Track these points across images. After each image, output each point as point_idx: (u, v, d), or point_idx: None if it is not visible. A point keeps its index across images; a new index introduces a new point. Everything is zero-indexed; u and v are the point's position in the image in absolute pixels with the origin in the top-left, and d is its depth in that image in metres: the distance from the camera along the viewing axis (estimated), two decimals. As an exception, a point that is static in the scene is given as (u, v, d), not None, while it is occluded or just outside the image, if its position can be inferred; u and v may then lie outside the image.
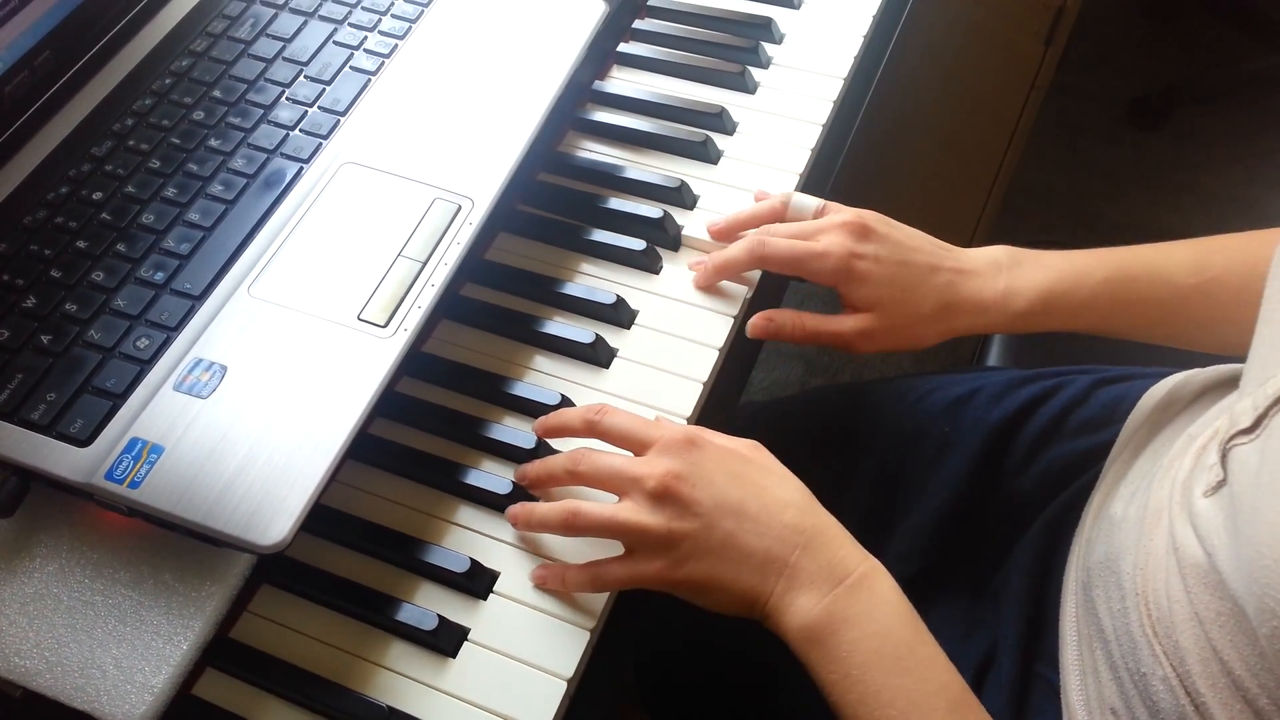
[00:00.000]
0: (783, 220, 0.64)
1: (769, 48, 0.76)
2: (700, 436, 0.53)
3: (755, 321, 0.62)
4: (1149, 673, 0.48)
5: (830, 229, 0.62)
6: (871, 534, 0.69)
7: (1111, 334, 0.62)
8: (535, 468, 0.55)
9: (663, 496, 0.50)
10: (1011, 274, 0.61)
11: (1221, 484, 0.46)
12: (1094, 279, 0.60)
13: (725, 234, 0.65)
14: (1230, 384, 0.59)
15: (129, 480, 0.49)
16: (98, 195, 0.60)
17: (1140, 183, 1.76)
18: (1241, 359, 0.57)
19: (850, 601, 0.49)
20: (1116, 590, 0.52)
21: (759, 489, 0.51)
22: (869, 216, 0.63)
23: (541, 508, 0.53)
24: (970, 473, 0.69)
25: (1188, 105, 1.82)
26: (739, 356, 0.63)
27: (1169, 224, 1.70)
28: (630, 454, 0.53)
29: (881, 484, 0.72)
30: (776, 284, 0.66)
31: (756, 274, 0.64)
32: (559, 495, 0.55)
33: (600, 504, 0.51)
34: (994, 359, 0.89)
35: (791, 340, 0.63)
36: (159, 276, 0.57)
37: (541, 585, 0.52)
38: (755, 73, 0.74)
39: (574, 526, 0.51)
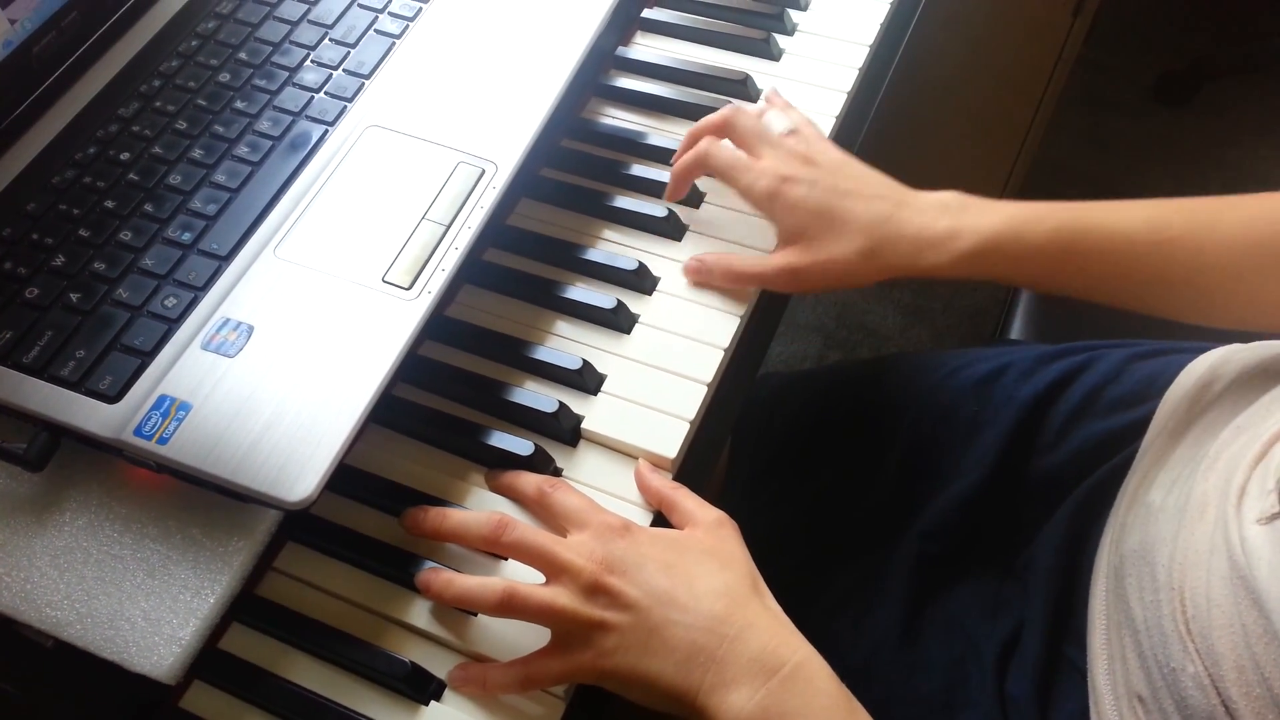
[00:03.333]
0: (728, 132, 0.63)
1: (794, 14, 0.75)
2: (635, 525, 0.51)
3: (687, 264, 0.62)
4: (1179, 668, 0.47)
5: (779, 150, 0.61)
6: (899, 512, 0.70)
7: (1059, 289, 0.60)
8: (451, 521, 0.52)
9: (592, 587, 0.48)
10: (959, 215, 0.59)
11: (1276, 516, 0.45)
12: (1044, 226, 0.58)
13: (695, 135, 0.65)
14: (1278, 365, 0.57)
15: (157, 436, 0.50)
16: (125, 155, 0.60)
17: (1166, 158, 1.74)
18: (1213, 327, 0.56)
19: (786, 695, 0.47)
20: (1150, 581, 0.51)
21: (690, 580, 0.49)
22: (820, 150, 0.62)
23: (467, 581, 0.50)
24: (1001, 451, 0.68)
25: (1215, 80, 1.79)
26: (761, 323, 0.63)
27: (1194, 201, 1.68)
28: (554, 536, 0.51)
29: (909, 462, 0.71)
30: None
31: (773, 240, 0.64)
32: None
33: (537, 587, 0.49)
34: (1016, 332, 0.89)
35: (720, 283, 0.61)
36: (186, 237, 0.57)
37: (458, 689, 0.49)
38: (780, 39, 0.74)
39: (509, 608, 0.48)
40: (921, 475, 0.70)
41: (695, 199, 0.66)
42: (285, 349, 0.53)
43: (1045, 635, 0.59)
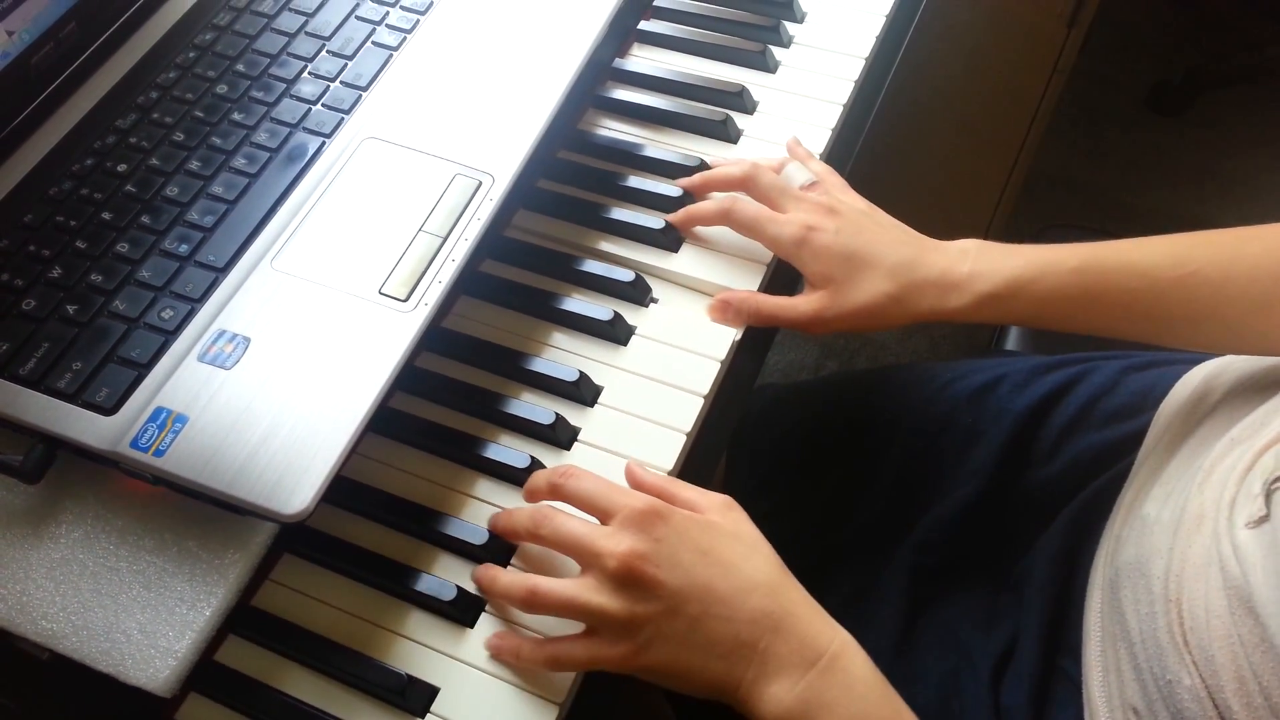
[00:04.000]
0: (748, 187, 0.64)
1: (790, 26, 0.76)
2: (666, 507, 0.50)
3: (712, 304, 0.62)
4: (1174, 680, 0.47)
5: (802, 202, 0.62)
6: (894, 523, 0.70)
7: (1083, 328, 0.60)
8: (502, 521, 0.53)
9: (625, 577, 0.47)
10: (979, 259, 0.60)
11: (1264, 519, 0.45)
12: (1065, 267, 0.58)
13: (694, 189, 0.66)
14: (1272, 378, 0.57)
15: (154, 449, 0.50)
16: (122, 167, 0.60)
17: (1162, 169, 1.75)
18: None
19: (826, 685, 0.47)
20: (1145, 593, 0.51)
21: (727, 568, 0.49)
22: (843, 201, 0.62)
23: (503, 578, 0.51)
24: (995, 463, 0.68)
25: (1211, 91, 1.80)
26: (757, 335, 0.63)
27: (1191, 210, 1.69)
28: (595, 520, 0.51)
29: (905, 473, 0.71)
30: (791, 271, 0.66)
31: (771, 260, 0.64)
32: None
33: (559, 582, 0.49)
34: (1012, 343, 0.89)
35: (746, 323, 0.62)
36: (183, 248, 0.57)
37: (495, 655, 0.50)
38: (776, 51, 0.74)
39: (533, 605, 0.49)
40: (917, 487, 0.70)
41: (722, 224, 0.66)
42: (282, 361, 0.53)
43: (1040, 647, 0.60)
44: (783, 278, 0.65)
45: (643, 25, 0.76)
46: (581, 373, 0.58)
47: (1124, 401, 0.68)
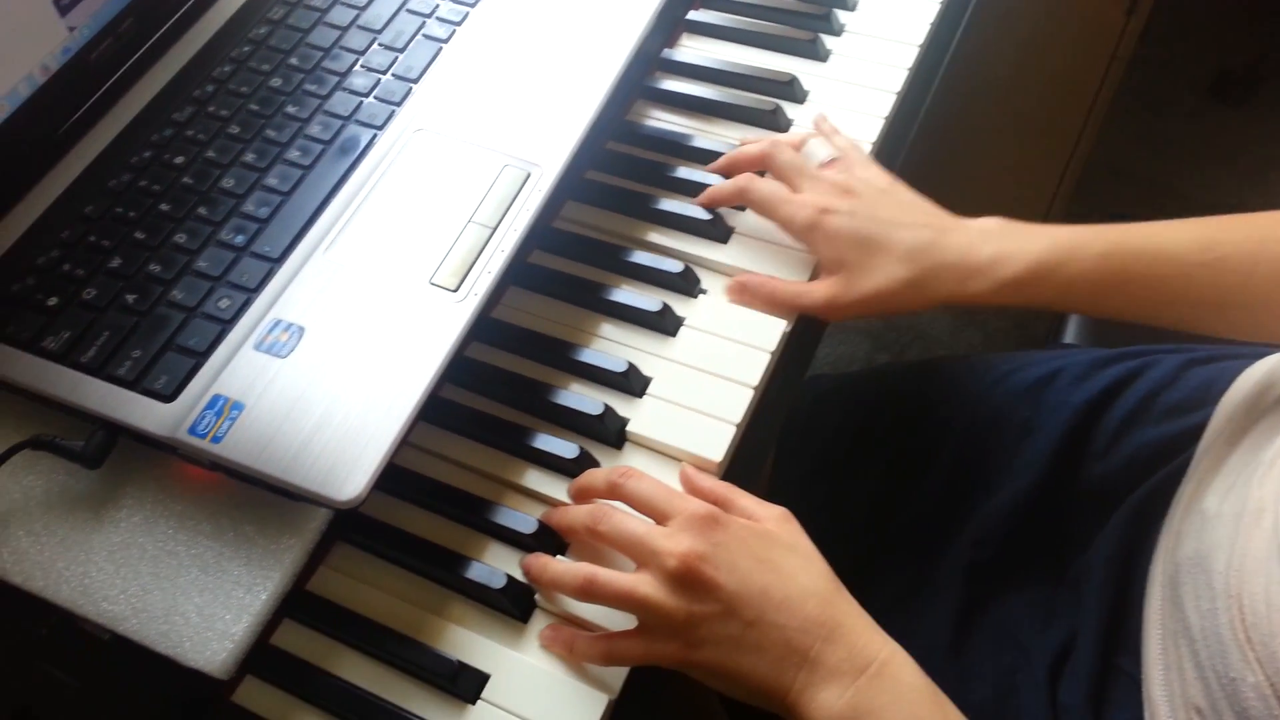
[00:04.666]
0: (767, 165, 0.64)
1: (842, 15, 0.75)
2: (725, 515, 0.50)
3: (729, 286, 0.62)
4: (1238, 678, 0.46)
5: (818, 182, 0.61)
6: (948, 518, 0.69)
7: (1108, 313, 0.59)
8: (557, 516, 0.53)
9: (684, 577, 0.48)
10: (1002, 241, 0.58)
11: None
12: (1091, 251, 0.56)
13: (720, 170, 0.66)
14: None
15: (211, 435, 0.51)
16: (179, 160, 0.62)
17: (1224, 159, 1.70)
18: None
19: (876, 692, 0.47)
20: (1206, 589, 0.50)
21: (783, 575, 0.49)
22: (861, 181, 0.61)
23: (558, 565, 0.51)
24: (1052, 457, 0.67)
25: (1275, 79, 1.75)
26: (807, 327, 0.63)
27: (1254, 202, 1.63)
28: (652, 521, 0.51)
29: (959, 467, 0.70)
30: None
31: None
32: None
33: (618, 574, 0.49)
34: (1070, 336, 0.87)
35: (762, 307, 0.61)
36: (239, 239, 0.58)
37: (548, 648, 0.51)
38: (827, 40, 0.73)
39: (590, 594, 0.49)
40: (972, 480, 0.69)
41: (742, 208, 0.66)
42: (335, 350, 0.54)
43: (1099, 645, 0.58)
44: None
45: (692, 15, 0.76)
46: (630, 364, 0.58)
47: (1185, 395, 0.66)
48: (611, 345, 0.60)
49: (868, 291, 0.59)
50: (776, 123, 0.69)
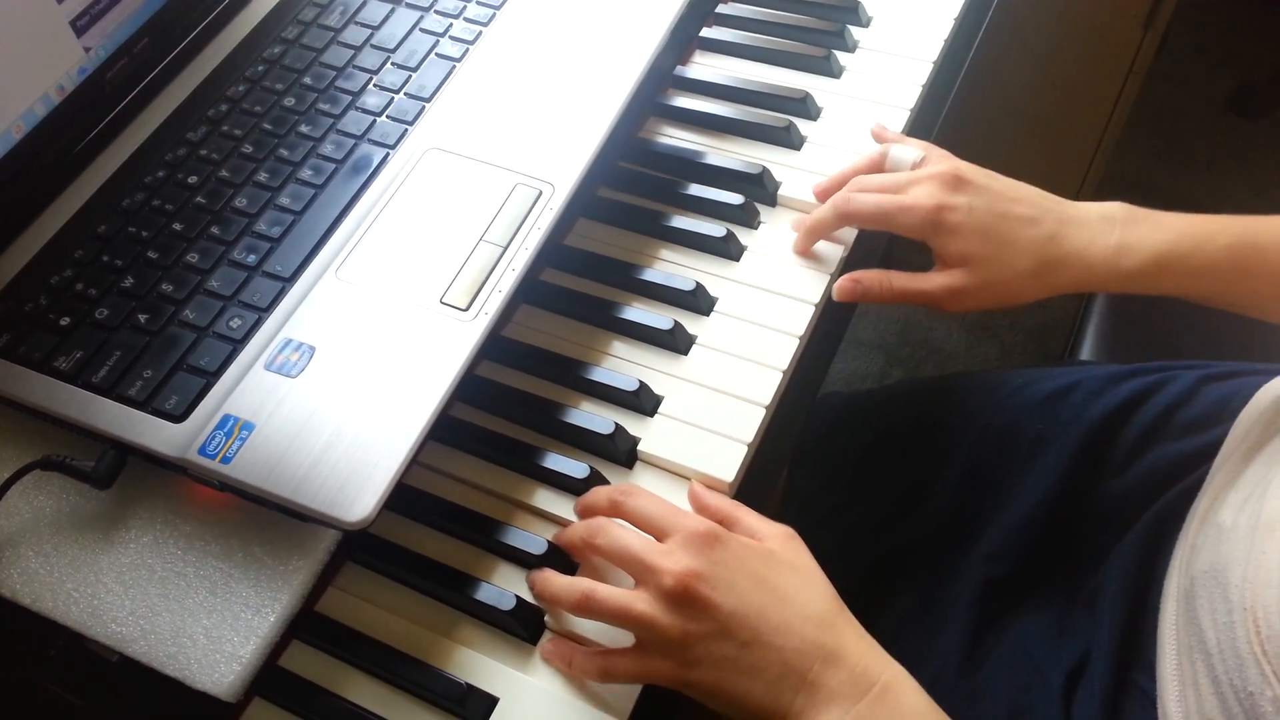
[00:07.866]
0: (881, 172, 0.63)
1: (855, 31, 0.75)
2: (725, 533, 0.50)
3: (841, 284, 0.61)
4: (1256, 692, 0.45)
5: (922, 180, 0.60)
6: (961, 533, 0.68)
7: (1228, 305, 0.58)
8: (561, 533, 0.53)
9: (680, 595, 0.47)
10: (1126, 230, 0.58)
11: None
12: (1216, 244, 0.56)
13: (827, 192, 0.64)
14: None
15: (221, 456, 0.51)
16: (193, 179, 0.62)
17: (1243, 174, 1.69)
18: None
19: (876, 714, 0.46)
20: (1223, 602, 0.49)
21: (782, 596, 0.48)
22: (965, 168, 0.60)
23: (559, 580, 0.51)
24: (1067, 471, 0.66)
25: (1295, 92, 1.74)
26: (820, 344, 0.62)
27: (1274, 216, 1.63)
28: (651, 538, 0.51)
29: (971, 481, 0.70)
30: (866, 264, 0.65)
31: (842, 252, 0.63)
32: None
33: (615, 590, 0.49)
34: (1086, 353, 0.86)
35: (879, 300, 0.61)
36: (251, 259, 0.58)
37: (547, 660, 0.50)
38: (841, 57, 0.73)
39: (587, 608, 0.49)
40: (984, 494, 0.69)
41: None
42: (345, 370, 0.54)
43: (1113, 662, 0.58)
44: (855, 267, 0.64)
45: (705, 32, 0.75)
46: (641, 382, 0.58)
47: (1201, 411, 0.66)
48: (623, 364, 0.60)
49: (994, 284, 0.59)
50: (790, 139, 0.68)
